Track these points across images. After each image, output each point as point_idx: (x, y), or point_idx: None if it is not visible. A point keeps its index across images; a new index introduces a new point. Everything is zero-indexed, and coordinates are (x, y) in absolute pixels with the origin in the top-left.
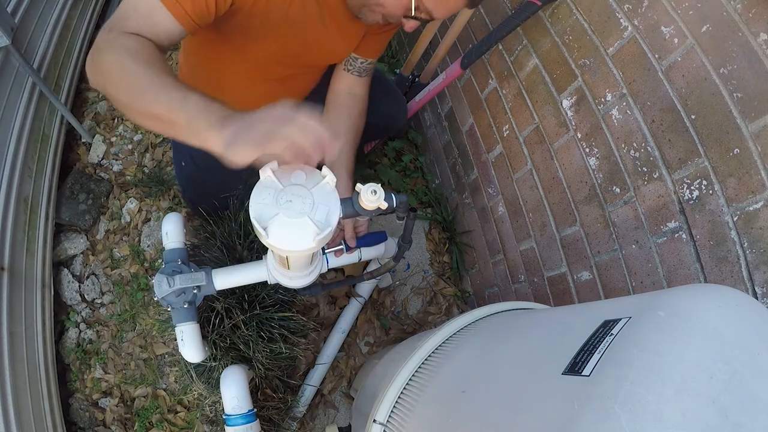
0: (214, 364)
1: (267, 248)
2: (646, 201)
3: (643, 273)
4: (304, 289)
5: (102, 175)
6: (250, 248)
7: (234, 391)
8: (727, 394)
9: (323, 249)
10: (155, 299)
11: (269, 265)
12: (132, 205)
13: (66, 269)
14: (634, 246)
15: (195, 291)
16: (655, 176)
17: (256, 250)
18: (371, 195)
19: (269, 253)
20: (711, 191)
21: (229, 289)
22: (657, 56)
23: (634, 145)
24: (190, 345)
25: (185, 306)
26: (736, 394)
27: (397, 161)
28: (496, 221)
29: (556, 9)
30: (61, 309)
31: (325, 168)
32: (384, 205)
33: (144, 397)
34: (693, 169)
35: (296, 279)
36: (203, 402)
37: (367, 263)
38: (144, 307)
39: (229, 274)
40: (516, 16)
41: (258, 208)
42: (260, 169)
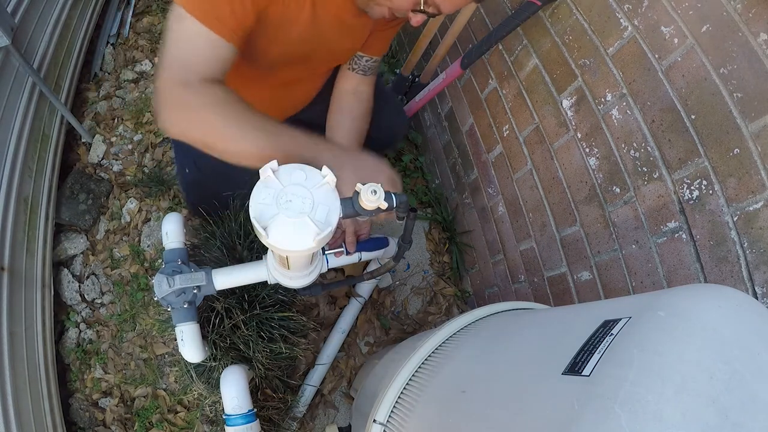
0: (214, 364)
1: (267, 248)
2: (646, 201)
3: (643, 273)
4: (304, 289)
5: (102, 175)
6: (250, 248)
7: (234, 391)
8: (727, 394)
9: (323, 249)
10: (155, 299)
11: (269, 265)
12: (132, 205)
13: (66, 269)
14: (634, 246)
15: (195, 291)
16: (655, 176)
17: (256, 250)
18: (371, 195)
19: (269, 253)
20: (711, 191)
21: (229, 289)
22: (657, 56)
23: (634, 145)
24: (190, 345)
25: (185, 306)
26: (736, 394)
27: (397, 161)
28: (496, 221)
29: (556, 9)
30: (61, 309)
31: (325, 168)
32: (384, 205)
33: (144, 397)
34: (693, 169)
35: (296, 279)
36: (203, 402)
37: (367, 263)
38: (144, 307)
39: (229, 274)
40: (516, 16)
41: (258, 208)
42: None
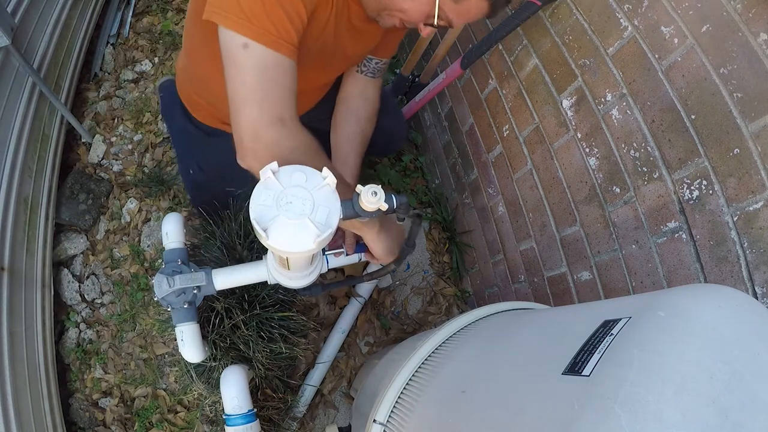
0: (214, 364)
1: (267, 248)
2: (646, 201)
3: (643, 273)
4: (304, 289)
5: (102, 175)
6: (250, 248)
7: (234, 391)
8: (727, 394)
9: (324, 250)
10: (155, 299)
11: (269, 266)
12: (132, 205)
13: (66, 269)
14: (634, 246)
15: (195, 291)
16: (655, 176)
17: (256, 250)
18: (371, 196)
19: (269, 253)
20: (711, 191)
21: (229, 289)
22: (657, 56)
23: (634, 145)
24: (190, 345)
25: (185, 306)
26: (736, 394)
27: (397, 161)
28: (496, 221)
29: (556, 9)
30: (61, 309)
31: (325, 169)
32: (384, 206)
33: (144, 397)
34: (693, 169)
35: (296, 279)
36: (203, 402)
37: (368, 263)
38: (144, 307)
39: (229, 274)
40: (516, 16)
41: (258, 210)
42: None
